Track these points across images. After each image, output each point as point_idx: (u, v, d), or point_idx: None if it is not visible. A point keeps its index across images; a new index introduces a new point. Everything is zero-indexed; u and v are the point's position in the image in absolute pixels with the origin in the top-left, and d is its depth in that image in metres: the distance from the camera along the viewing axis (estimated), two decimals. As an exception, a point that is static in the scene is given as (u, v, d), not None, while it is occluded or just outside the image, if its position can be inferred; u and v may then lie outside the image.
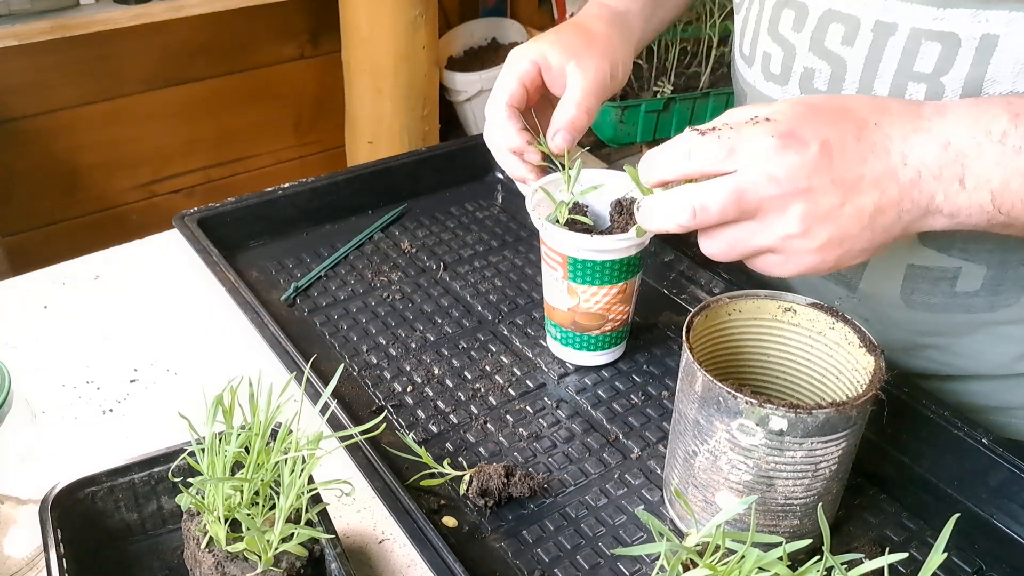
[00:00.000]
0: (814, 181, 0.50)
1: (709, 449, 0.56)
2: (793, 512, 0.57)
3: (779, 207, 0.51)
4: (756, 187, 0.50)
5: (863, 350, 0.57)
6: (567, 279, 0.70)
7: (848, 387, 0.59)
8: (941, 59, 0.60)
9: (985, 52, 0.58)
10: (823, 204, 0.51)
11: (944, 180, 0.51)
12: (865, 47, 0.64)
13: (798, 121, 0.51)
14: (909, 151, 0.51)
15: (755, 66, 0.74)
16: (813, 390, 0.63)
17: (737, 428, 0.54)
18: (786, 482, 0.55)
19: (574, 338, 0.74)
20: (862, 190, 0.51)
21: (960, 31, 0.59)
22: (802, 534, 0.57)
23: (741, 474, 0.55)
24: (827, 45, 0.66)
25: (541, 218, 0.69)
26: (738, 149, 0.51)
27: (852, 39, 0.64)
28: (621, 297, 0.71)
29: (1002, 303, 0.68)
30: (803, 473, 0.55)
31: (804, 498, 0.56)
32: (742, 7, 0.76)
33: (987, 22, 0.57)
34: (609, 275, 0.69)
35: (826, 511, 0.50)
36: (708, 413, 0.55)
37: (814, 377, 0.62)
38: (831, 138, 0.51)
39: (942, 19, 0.59)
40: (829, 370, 0.61)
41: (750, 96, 0.76)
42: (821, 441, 0.53)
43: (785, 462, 0.54)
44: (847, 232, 0.51)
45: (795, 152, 0.50)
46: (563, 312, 0.73)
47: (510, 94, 0.72)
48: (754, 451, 0.54)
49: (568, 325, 0.74)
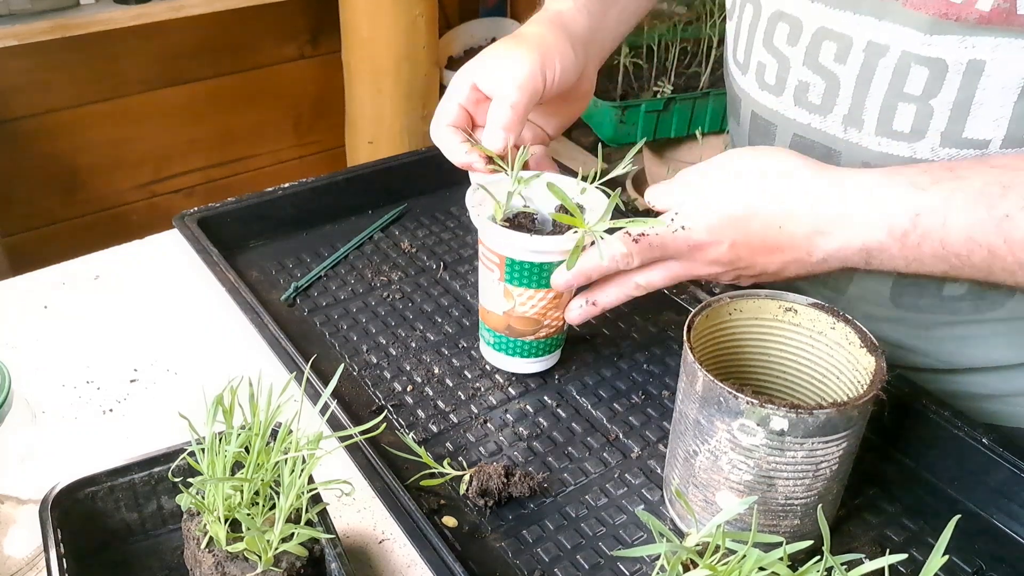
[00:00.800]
0: (733, 258, 0.61)
1: (710, 449, 0.56)
2: (794, 512, 0.57)
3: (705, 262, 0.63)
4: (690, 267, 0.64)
5: (864, 350, 0.58)
6: (503, 281, 0.69)
7: (849, 387, 0.59)
8: (929, 82, 0.61)
9: (972, 77, 0.60)
10: (741, 263, 0.62)
11: (851, 263, 0.59)
12: (857, 65, 0.65)
13: (710, 232, 0.60)
14: (814, 249, 0.59)
15: (749, 74, 0.74)
16: (814, 390, 0.63)
17: (738, 428, 0.54)
18: (787, 482, 0.55)
19: (508, 344, 0.73)
20: (772, 259, 0.61)
21: (947, 56, 0.60)
22: (803, 534, 0.57)
23: (742, 474, 0.55)
24: (821, 61, 0.67)
25: (480, 216, 0.68)
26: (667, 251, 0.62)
27: (844, 57, 0.65)
28: (558, 302, 0.70)
29: (987, 307, 0.70)
30: (804, 473, 0.55)
31: (805, 498, 0.56)
32: (734, 14, 0.77)
33: (974, 48, 0.59)
34: (547, 278, 0.67)
35: (826, 511, 0.50)
36: (709, 413, 0.55)
37: (815, 377, 0.62)
38: (738, 239, 0.60)
39: (930, 45, 0.60)
40: (830, 370, 0.61)
41: (744, 103, 0.76)
42: (822, 441, 0.53)
43: (786, 462, 0.54)
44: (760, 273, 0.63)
45: (712, 249, 0.61)
46: (498, 316, 0.71)
47: (448, 116, 0.72)
48: (755, 451, 0.54)
49: (502, 330, 0.72)
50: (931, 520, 0.63)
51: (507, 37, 0.73)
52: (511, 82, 0.69)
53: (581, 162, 2.13)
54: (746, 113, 0.76)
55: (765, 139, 0.74)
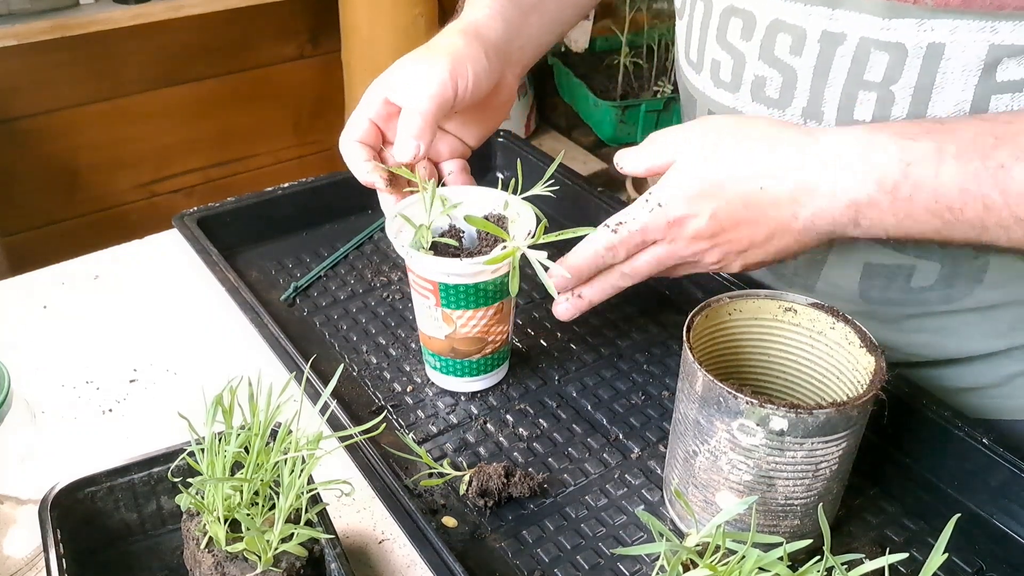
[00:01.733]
0: (716, 229, 0.59)
1: (709, 449, 0.56)
2: (793, 512, 0.57)
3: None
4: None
5: (864, 350, 0.57)
6: (440, 306, 0.67)
7: (849, 387, 0.59)
8: (890, 68, 0.61)
9: (932, 60, 0.59)
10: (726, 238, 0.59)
11: (839, 225, 0.57)
12: (813, 57, 0.64)
13: (688, 204, 0.58)
14: (799, 210, 0.56)
15: (704, 73, 0.73)
16: (814, 390, 0.63)
17: (738, 428, 0.53)
18: (787, 482, 0.55)
19: (454, 365, 0.71)
20: (756, 230, 0.59)
21: (907, 40, 0.59)
22: (802, 534, 0.57)
23: (741, 474, 0.55)
24: (777, 54, 0.66)
25: (405, 245, 0.66)
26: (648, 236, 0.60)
27: (800, 49, 0.65)
28: (499, 317, 0.69)
29: (956, 296, 0.69)
30: (804, 473, 0.55)
31: (805, 498, 0.56)
32: (684, 12, 0.76)
33: (932, 31, 0.58)
34: (484, 297, 0.66)
35: (826, 511, 0.50)
36: (708, 413, 0.55)
37: (815, 377, 0.62)
38: (718, 209, 0.58)
39: (888, 29, 0.60)
40: (830, 370, 0.61)
41: (700, 103, 0.75)
42: (822, 441, 0.53)
43: (786, 462, 0.54)
44: (747, 248, 0.60)
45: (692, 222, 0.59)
46: (440, 340, 0.70)
47: (356, 131, 0.71)
48: (755, 451, 0.54)
49: (447, 353, 0.70)
50: (931, 520, 0.63)
51: (419, 48, 0.72)
52: (421, 91, 0.67)
53: (581, 162, 2.13)
54: (702, 113, 0.75)
55: None
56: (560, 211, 0.89)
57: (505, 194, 0.70)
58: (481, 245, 0.69)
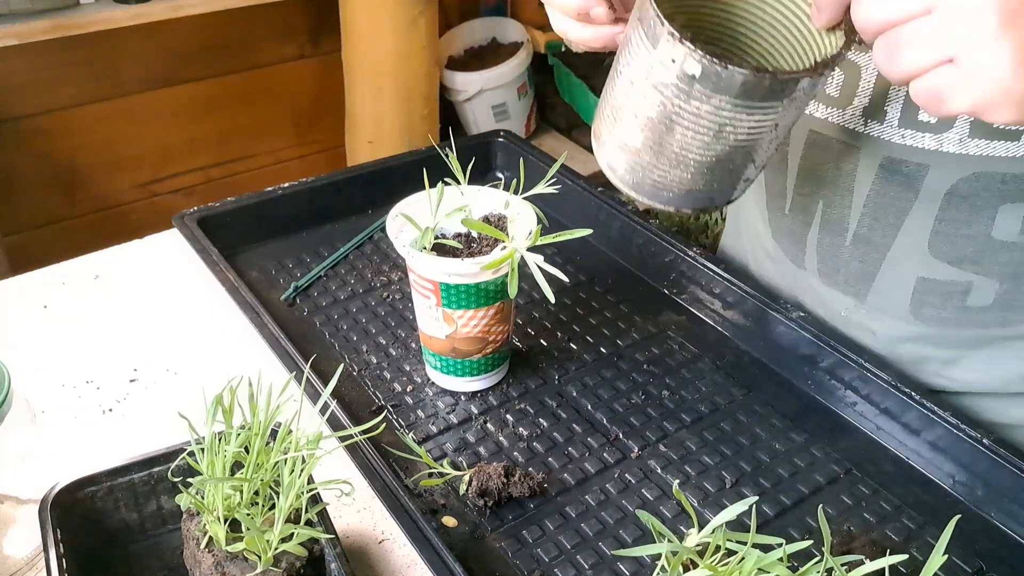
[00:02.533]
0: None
1: (630, 74, 0.53)
2: (686, 164, 0.54)
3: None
4: None
5: (842, 33, 0.51)
6: (441, 306, 0.67)
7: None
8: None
9: None
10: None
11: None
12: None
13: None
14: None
15: None
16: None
17: (658, 61, 0.50)
18: (685, 132, 0.52)
19: (455, 365, 0.72)
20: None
21: None
22: (689, 190, 0.55)
23: (648, 108, 0.52)
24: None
25: (406, 245, 0.66)
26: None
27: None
28: (500, 317, 0.69)
29: (1015, 318, 0.66)
30: (705, 130, 0.51)
31: (699, 156, 0.53)
32: None
33: None
34: (485, 296, 0.66)
35: (723, 187, 0.48)
36: (638, 36, 0.51)
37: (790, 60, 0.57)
38: None
39: None
40: (803, 59, 0.56)
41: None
42: (731, 103, 0.50)
43: (690, 110, 0.51)
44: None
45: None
46: (441, 340, 0.70)
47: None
48: (665, 89, 0.51)
49: (447, 353, 0.71)
50: (931, 520, 0.63)
51: None
52: None
53: (581, 162, 2.13)
54: None
55: None
56: (560, 211, 0.89)
57: (507, 194, 0.70)
58: (482, 245, 0.69)
